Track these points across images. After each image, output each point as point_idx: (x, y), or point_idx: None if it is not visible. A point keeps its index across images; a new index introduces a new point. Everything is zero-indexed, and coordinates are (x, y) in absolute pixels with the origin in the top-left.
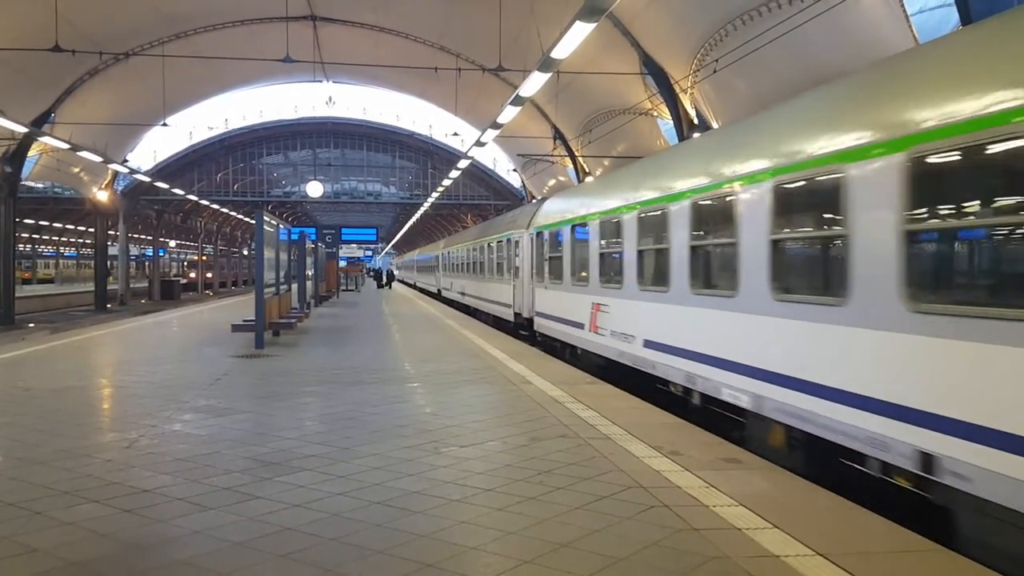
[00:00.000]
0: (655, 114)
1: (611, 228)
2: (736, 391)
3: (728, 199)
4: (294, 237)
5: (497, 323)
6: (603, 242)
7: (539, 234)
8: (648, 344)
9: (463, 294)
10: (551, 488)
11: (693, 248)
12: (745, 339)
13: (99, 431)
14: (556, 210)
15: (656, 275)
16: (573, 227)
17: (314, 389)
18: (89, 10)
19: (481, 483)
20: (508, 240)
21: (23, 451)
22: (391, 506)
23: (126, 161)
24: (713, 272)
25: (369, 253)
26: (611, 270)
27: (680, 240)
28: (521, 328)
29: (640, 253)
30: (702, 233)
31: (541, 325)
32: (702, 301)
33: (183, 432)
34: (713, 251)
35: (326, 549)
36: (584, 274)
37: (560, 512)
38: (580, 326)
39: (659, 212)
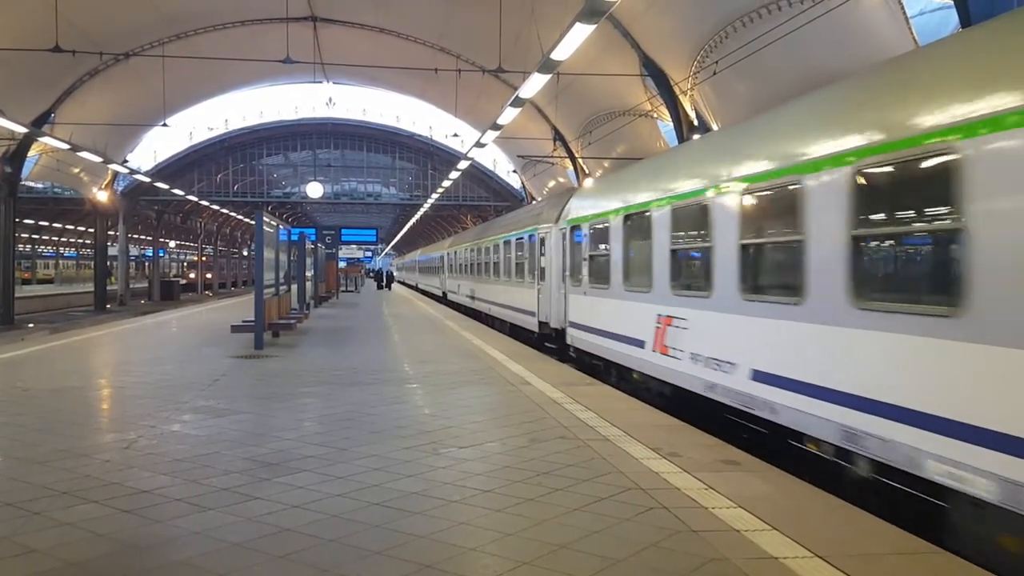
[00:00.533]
0: (655, 116)
1: (692, 216)
2: (965, 470)
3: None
4: (294, 238)
5: (514, 331)
6: (678, 235)
7: (575, 228)
8: (762, 377)
9: (472, 298)
10: (550, 489)
11: (860, 240)
12: (988, 388)
13: (98, 431)
14: (598, 198)
15: (776, 280)
16: (626, 218)
17: (313, 390)
18: (89, 10)
19: (480, 484)
20: (531, 237)
21: (22, 451)
22: (390, 507)
23: (126, 161)
24: (910, 274)
25: (369, 254)
26: (692, 272)
27: (832, 228)
28: (547, 340)
29: (746, 248)
30: (883, 216)
31: (577, 339)
32: (882, 322)
33: (182, 433)
34: (908, 243)
35: (325, 550)
36: (645, 277)
37: (559, 513)
38: (638, 344)
39: (788, 189)
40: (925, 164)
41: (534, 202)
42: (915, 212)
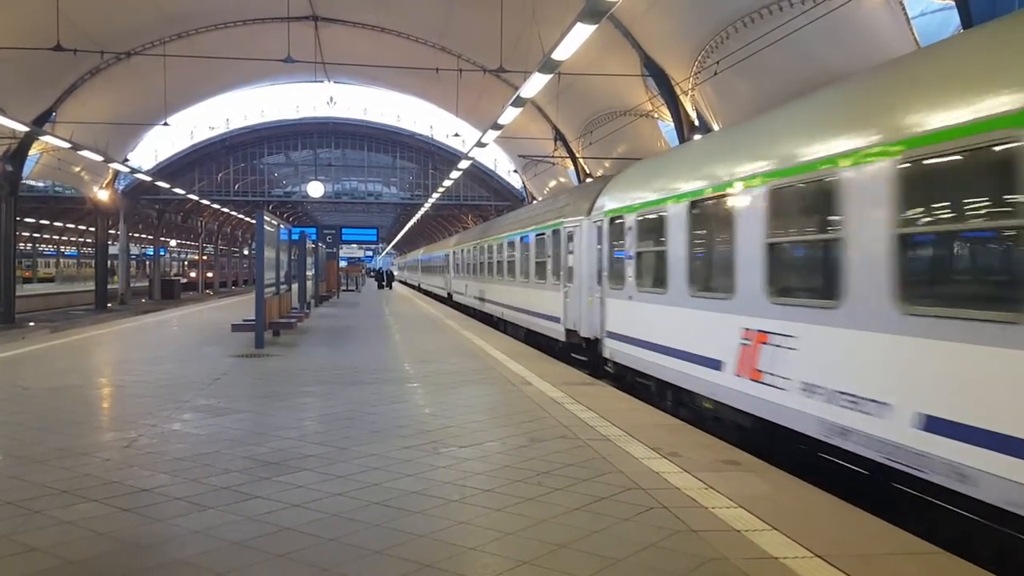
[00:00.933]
0: (656, 116)
1: (806, 198)
2: None
3: None
4: (294, 237)
5: (530, 338)
6: (780, 224)
7: (614, 221)
8: (943, 428)
9: (482, 299)
10: (550, 489)
11: None
12: None
13: (98, 430)
14: (648, 183)
15: (972, 287)
16: (694, 204)
17: (313, 389)
18: (91, 9)
19: (480, 484)
20: (555, 233)
21: (22, 450)
22: (390, 506)
23: (127, 160)
24: None
25: (370, 253)
26: (805, 274)
27: None
28: (575, 351)
29: (910, 241)
30: None
31: (619, 352)
32: None
33: (182, 431)
34: None
35: (324, 549)
36: (724, 280)
37: (559, 513)
38: (711, 364)
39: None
40: None
41: (562, 193)
42: None
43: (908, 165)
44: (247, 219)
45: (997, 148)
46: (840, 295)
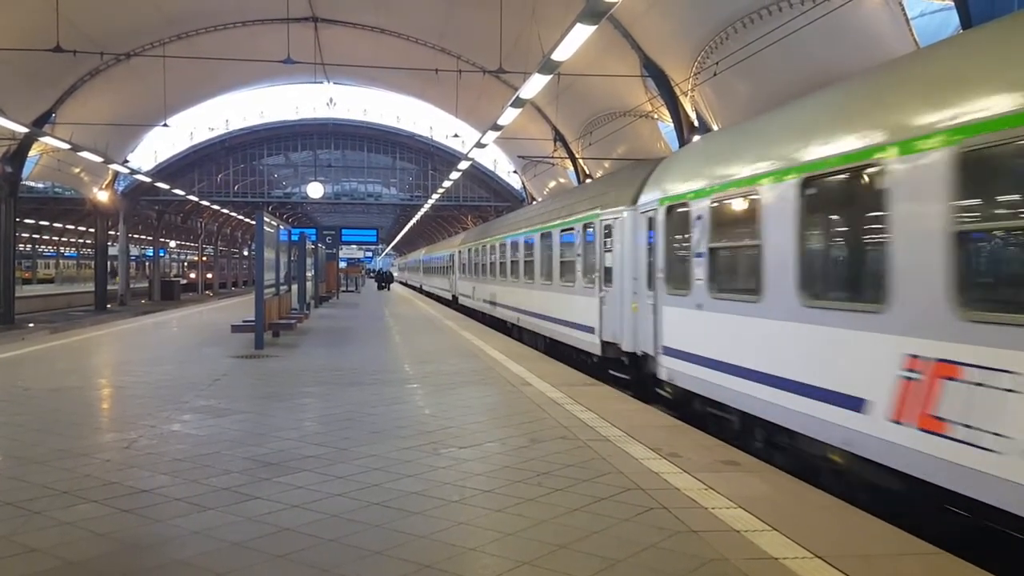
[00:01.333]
0: (656, 117)
1: None
2: None
3: None
4: (294, 238)
5: (552, 348)
6: (976, 203)
7: (674, 209)
8: None
9: (493, 303)
10: (550, 490)
11: None
12: None
13: (98, 431)
14: (726, 157)
15: None
16: (808, 181)
17: (313, 390)
18: (90, 10)
19: (480, 484)
20: (587, 227)
21: (22, 451)
22: (389, 507)
23: (127, 161)
24: None
25: (369, 254)
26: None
27: None
28: (614, 367)
29: None
30: None
31: (680, 374)
32: None
33: (182, 432)
34: None
35: (324, 550)
36: (870, 287)
37: (559, 514)
38: (849, 404)
39: None
40: None
41: (593, 181)
42: None
43: None
44: (247, 220)
45: None
46: None
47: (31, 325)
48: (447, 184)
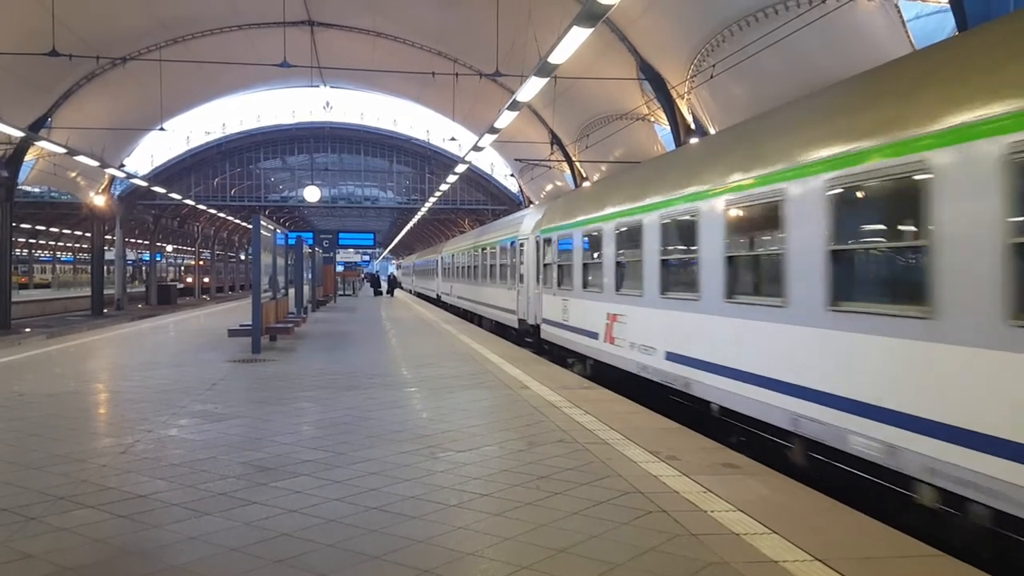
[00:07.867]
0: (652, 120)
1: None
2: None
3: None
4: (291, 242)
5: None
6: None
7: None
8: None
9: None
10: (548, 493)
11: None
12: None
13: (94, 436)
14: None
15: None
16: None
17: (311, 394)
18: (86, 15)
19: (478, 488)
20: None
21: (18, 456)
22: (387, 511)
23: (123, 166)
24: None
25: (367, 258)
26: None
27: None
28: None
29: None
30: None
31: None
32: None
33: (179, 437)
34: None
35: (322, 555)
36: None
37: (557, 517)
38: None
39: None
40: None
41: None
42: None
43: None
44: (243, 224)
45: None
46: None
47: (28, 330)
48: (444, 187)
